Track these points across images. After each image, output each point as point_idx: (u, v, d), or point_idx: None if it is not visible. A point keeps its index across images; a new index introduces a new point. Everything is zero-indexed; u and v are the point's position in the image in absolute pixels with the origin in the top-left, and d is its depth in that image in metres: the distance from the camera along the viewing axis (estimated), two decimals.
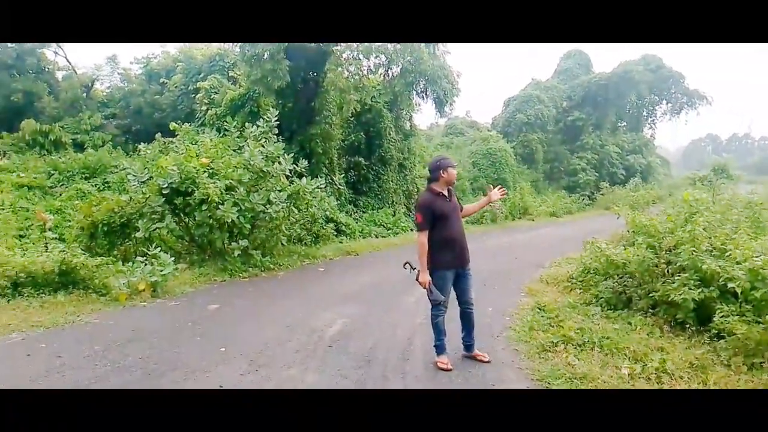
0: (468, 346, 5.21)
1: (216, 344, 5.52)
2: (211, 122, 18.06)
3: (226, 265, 8.94)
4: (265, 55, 13.77)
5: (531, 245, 13.41)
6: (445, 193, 4.95)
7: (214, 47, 25.08)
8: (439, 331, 5.01)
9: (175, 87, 25.41)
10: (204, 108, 19.76)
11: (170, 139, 13.08)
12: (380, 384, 4.55)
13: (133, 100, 25.94)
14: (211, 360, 5.05)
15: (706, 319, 5.63)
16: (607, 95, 29.88)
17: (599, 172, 29.61)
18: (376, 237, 14.28)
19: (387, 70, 16.07)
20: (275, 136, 10.55)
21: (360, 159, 17.75)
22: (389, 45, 14.65)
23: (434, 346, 5.06)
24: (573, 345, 5.33)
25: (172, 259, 7.81)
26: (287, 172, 9.93)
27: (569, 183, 28.92)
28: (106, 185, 18.26)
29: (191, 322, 6.36)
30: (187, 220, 9.30)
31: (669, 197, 23.18)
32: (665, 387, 4.44)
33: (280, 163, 9.78)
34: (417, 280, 4.89)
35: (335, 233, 12.95)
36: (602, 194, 26.66)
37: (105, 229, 9.24)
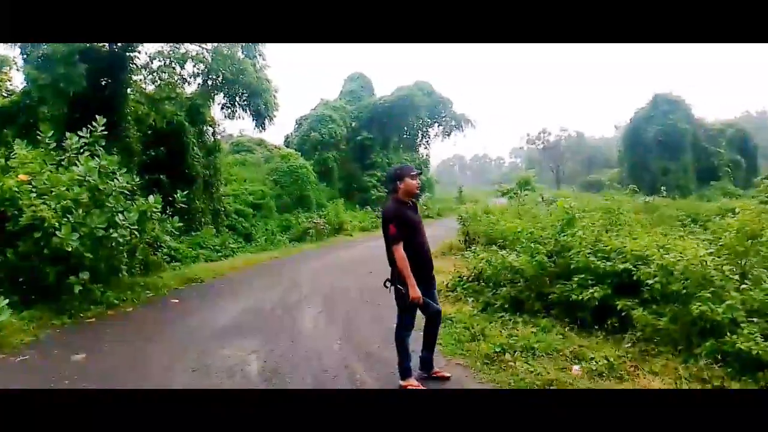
0: (427, 363, 4.96)
1: None
2: None
3: (62, 304, 7.23)
4: (58, 57, 11.67)
5: (372, 259, 13.46)
6: (410, 203, 4.72)
7: None
8: (405, 352, 4.70)
9: None
10: None
11: None
12: None
13: None
14: None
15: (601, 316, 6.23)
16: (390, 117, 31.90)
17: (387, 189, 31.38)
18: (206, 260, 12.98)
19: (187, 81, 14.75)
20: (101, 149, 8.91)
21: (162, 177, 16.07)
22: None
23: (401, 369, 4.72)
24: (517, 351, 5.44)
25: (7, 301, 6.02)
26: (125, 191, 8.45)
27: (362, 199, 30.10)
28: None
29: (67, 379, 4.99)
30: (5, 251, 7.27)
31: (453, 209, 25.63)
32: (625, 382, 4.75)
33: (117, 179, 8.30)
34: (404, 300, 4.52)
35: (168, 259, 11.42)
36: None
37: None
